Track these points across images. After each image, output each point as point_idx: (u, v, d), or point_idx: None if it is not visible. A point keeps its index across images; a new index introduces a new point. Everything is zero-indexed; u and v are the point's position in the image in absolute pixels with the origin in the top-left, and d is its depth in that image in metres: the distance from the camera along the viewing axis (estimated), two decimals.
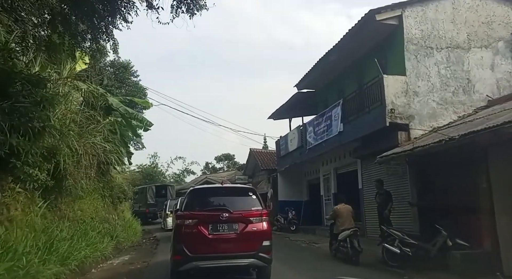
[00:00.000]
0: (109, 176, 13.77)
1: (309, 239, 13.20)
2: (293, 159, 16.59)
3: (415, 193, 9.15)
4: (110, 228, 12.47)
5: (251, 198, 6.52)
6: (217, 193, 7.00)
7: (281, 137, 18.93)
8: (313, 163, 16.06)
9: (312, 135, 14.24)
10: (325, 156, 14.24)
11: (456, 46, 10.17)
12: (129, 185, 18.08)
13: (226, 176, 36.45)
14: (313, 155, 14.45)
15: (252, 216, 6.18)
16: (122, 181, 16.81)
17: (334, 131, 12.30)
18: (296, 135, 16.18)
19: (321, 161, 15.13)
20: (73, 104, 9.11)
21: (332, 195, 14.09)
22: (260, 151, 25.50)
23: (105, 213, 13.13)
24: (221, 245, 6.02)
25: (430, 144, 7.16)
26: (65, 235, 7.59)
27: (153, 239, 17.20)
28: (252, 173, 26.36)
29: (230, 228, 6.07)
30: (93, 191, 11.56)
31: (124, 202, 18.49)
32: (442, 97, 9.92)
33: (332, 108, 12.64)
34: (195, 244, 5.93)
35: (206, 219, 6.10)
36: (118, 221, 15.34)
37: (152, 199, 26.35)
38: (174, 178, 51.38)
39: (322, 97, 15.56)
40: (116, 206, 15.80)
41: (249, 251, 5.95)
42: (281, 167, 18.56)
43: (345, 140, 11.72)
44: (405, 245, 7.59)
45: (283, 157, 18.35)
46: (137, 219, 20.77)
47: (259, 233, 6.11)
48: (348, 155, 12.84)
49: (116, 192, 15.34)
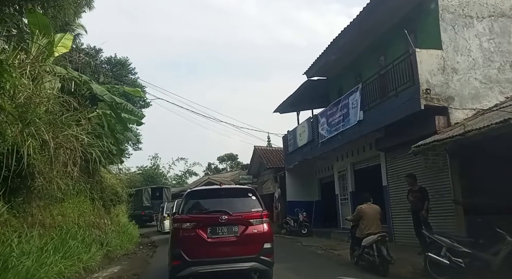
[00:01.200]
0: (98, 177, 12.25)
1: (324, 244, 11.61)
2: (303, 155, 15.01)
3: (459, 190, 7.55)
4: (100, 234, 11.01)
5: (251, 199, 6.36)
6: (215, 194, 6.76)
7: (288, 131, 17.35)
8: (325, 159, 14.48)
9: (325, 127, 12.66)
10: (340, 150, 12.65)
11: (500, 14, 8.58)
12: (124, 186, 16.55)
13: (229, 176, 35.04)
14: (326, 150, 12.86)
15: (252, 218, 6.01)
16: (115, 182, 15.29)
17: (352, 120, 10.73)
18: (306, 128, 14.60)
19: (336, 156, 13.54)
20: (45, 89, 7.58)
21: (350, 194, 12.50)
22: (265, 148, 23.91)
23: (95, 217, 11.65)
24: (221, 248, 5.83)
25: (491, 125, 5.56)
26: (31, 248, 6.08)
27: (150, 245, 15.77)
28: (257, 173, 24.79)
29: (230, 231, 5.91)
30: (78, 193, 10.08)
31: (119, 205, 17.06)
32: (485, 74, 8.33)
33: (349, 94, 11.07)
34: (193, 248, 5.76)
35: (204, 222, 5.92)
36: (111, 226, 13.89)
37: (147, 202, 25.67)
38: (176, 179, 50.52)
39: (336, 85, 13.97)
40: (109, 210, 14.31)
41: (250, 255, 5.80)
42: (289, 165, 16.98)
43: (365, 131, 10.14)
44: (455, 254, 6.03)
45: (291, 153, 16.78)
46: (134, 223, 19.71)
47: (259, 235, 5.95)
48: (368, 148, 11.26)
49: (108, 194, 13.84)
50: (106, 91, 10.04)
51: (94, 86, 10.00)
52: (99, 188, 12.62)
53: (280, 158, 22.78)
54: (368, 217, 7.61)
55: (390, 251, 7.04)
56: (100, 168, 12.15)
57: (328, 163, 14.78)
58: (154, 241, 16.49)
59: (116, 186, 14.98)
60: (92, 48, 30.14)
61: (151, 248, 15.23)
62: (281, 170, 19.75)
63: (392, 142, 9.50)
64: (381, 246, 7.04)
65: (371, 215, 7.61)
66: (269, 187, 21.85)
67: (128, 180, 43.79)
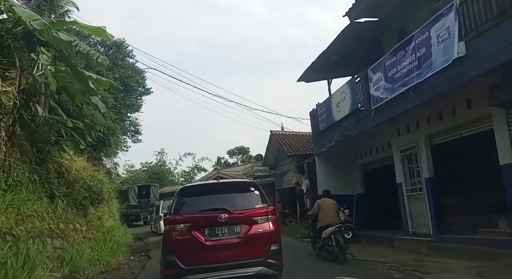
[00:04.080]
0: (53, 164, 8.45)
1: (391, 257, 7.60)
2: (342, 133, 10.97)
3: None
4: (62, 246, 7.56)
5: (254, 194, 5.72)
6: (212, 190, 5.96)
7: (318, 105, 13.31)
8: (375, 137, 10.46)
9: (382, 85, 8.61)
10: (406, 117, 8.55)
11: None
12: (107, 181, 12.78)
13: (241, 170, 31.24)
14: (383, 119, 8.79)
15: (257, 215, 5.32)
16: (93, 174, 11.49)
17: (439, 62, 6.66)
18: (348, 94, 10.55)
19: (396, 128, 9.43)
20: None
21: (426, 182, 8.31)
22: (283, 133, 19.82)
23: (56, 222, 8.03)
24: (221, 252, 5.13)
25: None
26: None
27: (144, 255, 12.11)
28: (274, 163, 20.80)
29: (231, 232, 5.20)
30: (15, 185, 6.44)
31: (103, 205, 13.35)
32: None
33: (430, 24, 7.00)
34: (189, 253, 5.08)
35: (201, 222, 5.23)
36: (87, 232, 10.23)
37: (134, 200, 24.50)
38: (183, 176, 47.77)
39: (394, 26, 9.72)
40: (84, 211, 10.59)
41: (256, 258, 5.08)
42: (320, 148, 12.96)
43: (469, 74, 6.05)
44: None
45: (323, 132, 12.76)
46: (126, 226, 16.39)
47: (266, 236, 5.25)
48: (465, 107, 7.15)
49: (81, 191, 10.08)
50: (47, 24, 6.15)
51: (25, 14, 6.14)
52: (63, 182, 8.85)
53: (303, 143, 18.80)
54: (325, 209, 8.44)
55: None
56: (56, 152, 8.32)
57: (378, 141, 10.71)
58: (150, 249, 12.86)
59: (93, 180, 11.17)
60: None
61: (144, 258, 11.67)
62: (305, 158, 15.76)
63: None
64: (338, 237, 7.79)
65: (328, 207, 8.45)
66: (291, 179, 17.89)
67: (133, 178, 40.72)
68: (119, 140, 23.37)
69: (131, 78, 27.21)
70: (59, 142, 8.65)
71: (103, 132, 18.66)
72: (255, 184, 6.00)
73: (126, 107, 27.16)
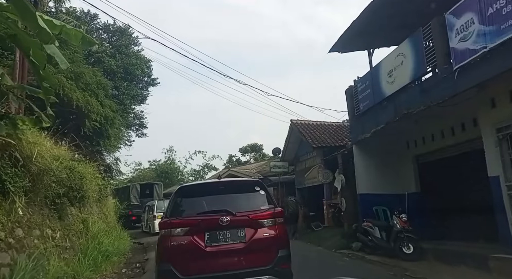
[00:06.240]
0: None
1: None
2: (397, 110, 8.18)
3: None
4: (11, 262, 5.51)
5: (259, 194, 5.19)
6: (213, 190, 5.37)
7: (357, 80, 10.50)
8: (442, 116, 7.66)
9: (476, 30, 5.80)
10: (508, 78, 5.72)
11: None
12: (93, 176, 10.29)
13: (254, 168, 28.55)
14: (475, 81, 5.99)
15: (263, 218, 4.80)
16: (71, 165, 8.94)
17: None
18: (408, 55, 7.72)
19: (489, 96, 6.56)
20: None
21: None
22: (306, 122, 17.00)
23: (14, 227, 5.80)
24: (224, 260, 4.63)
25: None
26: None
27: (139, 267, 9.68)
28: (293, 158, 18.06)
29: (234, 236, 4.69)
30: None
31: (90, 205, 10.91)
32: None
33: None
34: (187, 261, 4.63)
35: (200, 225, 4.72)
36: (61, 240, 7.82)
37: (136, 200, 22.38)
38: (193, 175, 45.59)
39: None
40: (61, 212, 8.13)
41: (263, 266, 4.59)
42: (360, 135, 10.18)
43: None
44: None
45: (364, 114, 9.97)
46: (123, 230, 14.06)
47: (273, 240, 4.74)
48: None
49: (53, 186, 7.59)
50: None
51: None
52: (22, 173, 6.35)
53: (330, 134, 16.00)
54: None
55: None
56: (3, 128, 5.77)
57: (452, 119, 7.89)
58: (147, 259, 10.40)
59: (72, 172, 8.65)
60: (86, 13, 24.55)
61: (138, 271, 9.28)
62: (333, 151, 13.01)
63: None
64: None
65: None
66: (315, 176, 15.13)
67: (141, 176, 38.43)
68: (120, 133, 21.08)
69: (134, 66, 24.98)
70: (8, 115, 6.12)
71: (99, 122, 16.47)
72: (261, 183, 5.49)
73: (130, 98, 24.97)
